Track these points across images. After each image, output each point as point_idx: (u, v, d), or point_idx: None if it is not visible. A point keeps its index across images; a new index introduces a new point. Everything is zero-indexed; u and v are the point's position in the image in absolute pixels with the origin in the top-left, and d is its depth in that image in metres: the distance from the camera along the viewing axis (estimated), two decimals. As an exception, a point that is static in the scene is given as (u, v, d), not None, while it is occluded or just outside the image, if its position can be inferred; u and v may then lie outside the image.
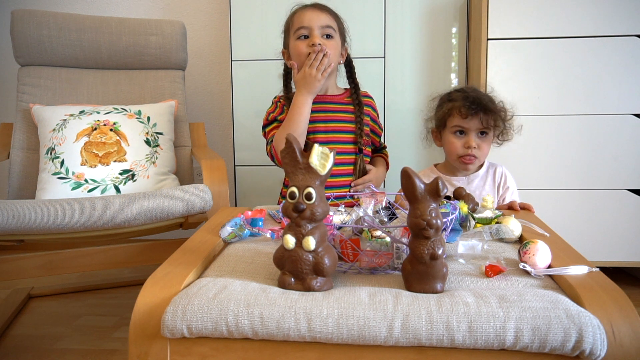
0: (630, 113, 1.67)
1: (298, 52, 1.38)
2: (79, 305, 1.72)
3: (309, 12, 1.39)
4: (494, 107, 1.28)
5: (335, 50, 1.40)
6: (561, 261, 0.82)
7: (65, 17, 1.80)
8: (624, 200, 1.70)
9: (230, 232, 0.99)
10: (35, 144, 1.69)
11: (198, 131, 1.92)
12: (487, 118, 1.27)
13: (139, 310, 0.72)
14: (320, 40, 1.35)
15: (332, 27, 1.40)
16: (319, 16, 1.38)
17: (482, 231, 0.94)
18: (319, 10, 1.40)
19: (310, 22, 1.37)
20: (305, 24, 1.37)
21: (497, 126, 1.28)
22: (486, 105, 1.26)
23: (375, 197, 0.98)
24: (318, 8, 1.41)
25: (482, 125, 1.27)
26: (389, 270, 0.83)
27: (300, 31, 1.38)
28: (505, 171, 1.38)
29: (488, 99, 1.29)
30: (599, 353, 0.63)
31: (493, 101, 1.29)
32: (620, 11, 1.63)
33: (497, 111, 1.27)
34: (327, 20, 1.39)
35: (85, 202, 1.27)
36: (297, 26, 1.38)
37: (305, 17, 1.38)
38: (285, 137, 0.74)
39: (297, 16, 1.40)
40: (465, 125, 1.29)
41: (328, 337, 0.67)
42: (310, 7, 1.42)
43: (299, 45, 1.37)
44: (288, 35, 1.44)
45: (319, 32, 1.37)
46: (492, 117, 1.27)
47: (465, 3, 1.88)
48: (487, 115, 1.27)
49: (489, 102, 1.27)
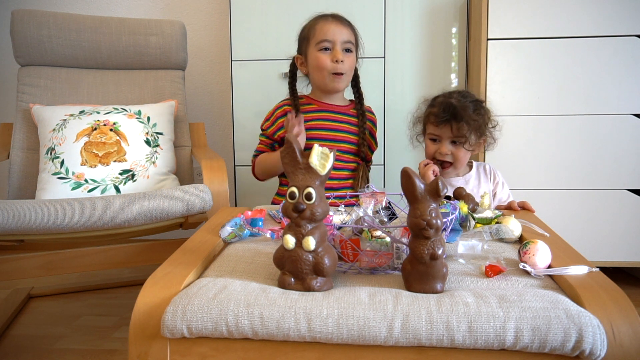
0: (630, 113, 1.67)
1: (320, 64, 1.43)
2: (79, 305, 1.72)
3: (333, 26, 1.42)
4: (468, 117, 1.26)
5: (351, 67, 1.48)
6: (561, 261, 0.82)
7: (65, 17, 1.80)
8: (624, 200, 1.70)
9: (230, 232, 0.99)
10: (35, 144, 1.69)
11: (198, 131, 1.92)
12: (459, 127, 1.26)
13: (139, 310, 0.72)
14: (341, 56, 1.41)
15: (352, 42, 1.45)
16: (342, 31, 1.43)
17: (482, 231, 0.94)
18: (342, 25, 1.44)
19: (335, 36, 1.42)
20: (329, 37, 1.41)
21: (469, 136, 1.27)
22: (459, 114, 1.25)
23: (375, 197, 0.98)
24: (341, 22, 1.45)
25: (453, 134, 1.28)
26: (389, 270, 0.83)
27: (323, 44, 1.42)
28: (493, 167, 1.40)
29: (464, 107, 1.26)
30: (599, 353, 0.63)
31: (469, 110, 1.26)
32: (620, 11, 1.63)
33: (469, 121, 1.26)
34: (348, 36, 1.44)
35: (85, 202, 1.27)
36: (321, 38, 1.42)
37: (329, 31, 1.42)
38: (286, 137, 0.75)
39: (321, 27, 1.43)
40: (437, 133, 1.30)
41: (328, 337, 0.67)
42: (333, 19, 1.44)
43: (321, 57, 1.42)
44: (307, 44, 1.46)
45: (341, 47, 1.42)
46: (465, 127, 1.26)
47: (465, 3, 1.88)
48: (458, 125, 1.26)
49: (463, 111, 1.25)
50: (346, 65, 1.43)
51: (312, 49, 1.44)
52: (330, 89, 1.48)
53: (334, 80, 1.45)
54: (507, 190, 1.39)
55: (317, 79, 1.48)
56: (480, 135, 1.30)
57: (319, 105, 1.52)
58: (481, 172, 1.40)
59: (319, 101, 1.53)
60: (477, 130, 1.28)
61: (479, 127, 1.28)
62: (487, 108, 1.34)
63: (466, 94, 1.32)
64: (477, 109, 1.29)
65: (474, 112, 1.27)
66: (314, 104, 1.53)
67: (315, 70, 1.45)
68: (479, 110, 1.29)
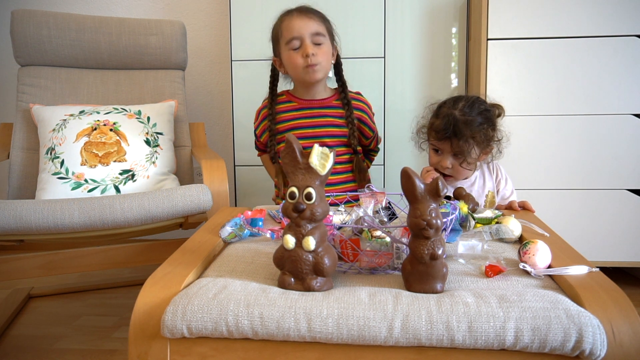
0: (630, 113, 1.67)
1: (294, 65, 1.39)
2: (79, 305, 1.72)
3: (298, 21, 1.38)
4: (470, 134, 1.20)
5: (326, 56, 1.41)
6: (561, 261, 0.82)
7: (65, 17, 1.80)
8: (624, 200, 1.70)
9: (230, 232, 0.99)
10: (35, 144, 1.69)
11: (198, 131, 1.92)
12: (460, 145, 1.21)
13: (139, 310, 0.72)
14: (312, 49, 1.36)
15: (321, 32, 1.40)
16: (307, 24, 1.38)
17: (482, 231, 0.94)
18: (306, 18, 1.39)
19: (301, 31, 1.37)
20: (295, 34, 1.37)
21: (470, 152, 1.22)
22: (460, 131, 1.20)
23: (375, 197, 0.98)
24: (306, 15, 1.40)
25: (453, 150, 1.24)
26: (389, 270, 0.83)
27: (292, 42, 1.38)
28: (496, 162, 1.37)
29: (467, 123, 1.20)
30: (599, 353, 0.63)
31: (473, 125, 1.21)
32: (620, 11, 1.63)
33: (471, 139, 1.21)
34: (316, 27, 1.39)
35: (85, 202, 1.27)
36: (288, 37, 1.38)
37: (295, 27, 1.37)
38: (286, 136, 0.75)
39: (287, 26, 1.39)
40: (439, 146, 1.27)
41: (328, 337, 0.67)
42: (297, 14, 1.40)
43: (293, 57, 1.38)
44: (278, 45, 1.44)
45: (310, 41, 1.37)
46: (466, 145, 1.21)
47: (465, 3, 1.88)
48: (459, 142, 1.21)
49: (465, 127, 1.20)
50: (319, 56, 1.38)
51: (283, 50, 1.41)
52: (308, 80, 1.43)
53: (309, 72, 1.40)
54: (511, 186, 1.36)
55: (294, 77, 1.46)
56: (484, 148, 1.25)
57: (298, 103, 1.50)
58: (485, 170, 1.37)
59: (299, 98, 1.50)
60: (479, 145, 1.23)
61: (482, 142, 1.23)
62: (494, 120, 1.27)
63: (474, 103, 1.25)
64: (483, 122, 1.23)
65: (478, 127, 1.21)
66: (294, 102, 1.50)
67: (291, 69, 1.42)
68: (484, 124, 1.23)
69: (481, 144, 1.23)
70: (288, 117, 1.49)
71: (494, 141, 1.26)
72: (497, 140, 1.27)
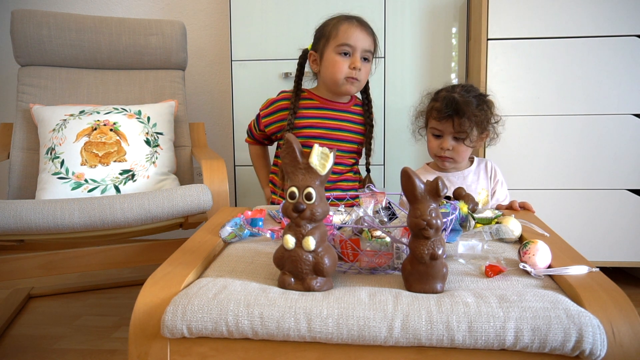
0: (630, 113, 1.67)
1: (336, 67, 1.40)
2: (79, 305, 1.72)
3: (358, 32, 1.39)
4: (471, 112, 1.24)
5: (367, 74, 1.46)
6: (561, 261, 0.82)
7: (65, 17, 1.80)
8: (624, 200, 1.70)
9: (230, 232, 0.99)
10: (35, 144, 1.69)
11: (198, 131, 1.92)
12: (461, 123, 1.25)
13: (139, 310, 0.72)
14: (359, 64, 1.39)
15: (372, 51, 1.44)
16: (365, 38, 1.40)
17: (482, 231, 0.94)
18: (365, 32, 1.41)
19: (357, 43, 1.38)
20: (351, 43, 1.38)
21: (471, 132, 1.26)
22: (461, 110, 1.24)
23: (375, 197, 0.98)
24: (365, 29, 1.42)
25: (454, 130, 1.27)
26: (389, 270, 0.83)
27: (343, 47, 1.39)
28: (494, 165, 1.39)
29: (467, 103, 1.25)
30: (599, 353, 0.63)
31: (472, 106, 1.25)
32: (620, 11, 1.63)
33: (472, 117, 1.24)
34: (369, 44, 1.42)
35: (85, 202, 1.27)
36: (342, 41, 1.38)
37: (353, 36, 1.38)
38: (285, 136, 0.75)
39: (345, 30, 1.39)
40: (440, 128, 1.29)
41: (328, 337, 0.67)
42: (358, 25, 1.41)
43: (339, 61, 1.39)
44: (326, 43, 1.42)
45: (360, 55, 1.40)
46: (467, 123, 1.25)
47: (465, 3, 1.88)
48: (460, 121, 1.24)
49: (466, 106, 1.24)
50: (362, 73, 1.42)
51: (330, 50, 1.40)
52: (342, 91, 1.45)
53: (348, 83, 1.42)
54: (505, 190, 1.39)
55: (328, 80, 1.44)
56: (483, 130, 1.29)
57: (321, 102, 1.50)
58: (482, 168, 1.39)
59: (322, 97, 1.50)
60: (479, 126, 1.27)
61: (481, 122, 1.27)
62: (490, 102, 1.32)
63: (469, 88, 1.31)
64: (480, 103, 1.28)
65: (476, 108, 1.26)
66: (315, 100, 1.50)
67: (330, 72, 1.42)
68: (482, 106, 1.28)
69: (480, 125, 1.27)
70: (308, 114, 1.48)
71: (490, 123, 1.30)
72: (493, 123, 1.31)
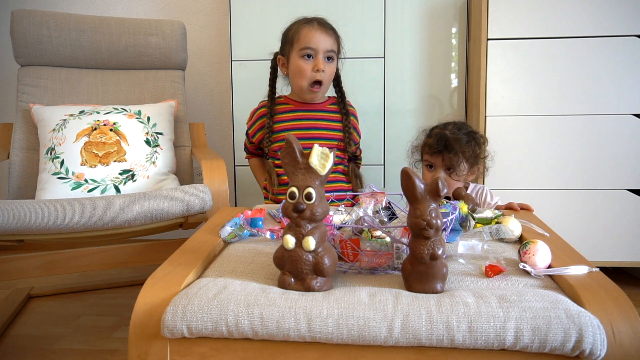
0: (630, 113, 1.67)
1: (301, 70, 1.45)
2: (79, 305, 1.72)
3: (317, 34, 1.43)
4: (460, 148, 1.33)
5: (331, 75, 1.49)
6: (561, 261, 0.82)
7: (65, 17, 1.80)
8: (624, 200, 1.70)
9: (230, 232, 0.99)
10: (35, 144, 1.69)
11: (198, 131, 1.92)
12: (450, 158, 1.33)
13: (139, 310, 0.72)
14: (322, 66, 1.43)
15: (335, 50, 1.47)
16: (326, 39, 1.44)
17: (482, 231, 0.94)
18: (326, 34, 1.44)
19: (318, 45, 1.43)
20: (312, 45, 1.42)
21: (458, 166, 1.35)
22: (451, 146, 1.33)
23: (375, 197, 0.98)
24: (325, 30, 1.45)
25: (444, 164, 1.36)
26: (389, 270, 0.83)
27: (306, 50, 1.43)
28: (487, 190, 1.43)
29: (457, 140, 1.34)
30: (599, 353, 0.63)
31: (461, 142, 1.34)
32: (620, 11, 1.63)
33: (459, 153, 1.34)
34: (331, 44, 1.45)
35: (85, 202, 1.27)
36: (304, 45, 1.43)
37: (314, 38, 1.42)
38: (285, 136, 0.75)
39: (305, 34, 1.43)
40: (432, 161, 1.39)
41: (328, 337, 0.67)
42: (319, 27, 1.45)
43: (303, 64, 1.44)
44: (290, 48, 1.47)
45: (323, 56, 1.44)
46: (455, 158, 1.34)
47: (465, 3, 1.88)
48: (449, 156, 1.33)
49: (455, 143, 1.33)
50: (327, 73, 1.46)
51: (294, 54, 1.46)
52: (307, 98, 1.53)
53: (311, 92, 1.49)
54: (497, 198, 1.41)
55: (295, 85, 1.50)
56: (473, 164, 1.38)
57: (295, 105, 1.55)
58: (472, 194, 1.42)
59: (296, 101, 1.56)
60: (468, 161, 1.36)
61: (470, 157, 1.36)
62: (481, 139, 1.40)
63: (461, 126, 1.39)
64: (470, 140, 1.36)
65: (466, 144, 1.35)
66: (290, 104, 1.56)
67: (296, 75, 1.47)
68: (471, 142, 1.36)
69: (469, 159, 1.36)
70: (285, 118, 1.54)
71: (480, 158, 1.39)
72: (482, 158, 1.40)
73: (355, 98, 1.91)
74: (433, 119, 1.86)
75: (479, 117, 1.73)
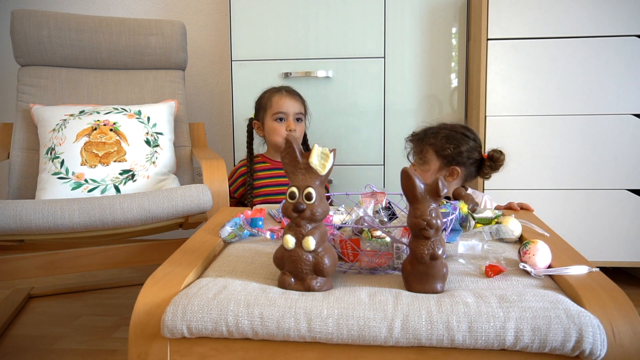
0: (630, 113, 1.67)
1: (275, 130, 1.67)
2: (79, 305, 1.72)
3: (288, 101, 1.67)
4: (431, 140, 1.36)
5: (302, 130, 1.73)
6: (561, 261, 0.82)
7: (65, 17, 1.80)
8: (624, 200, 1.70)
9: (230, 232, 0.99)
10: (35, 144, 1.69)
11: (198, 131, 1.92)
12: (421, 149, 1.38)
13: (139, 310, 0.72)
14: (294, 126, 1.66)
15: (302, 112, 1.71)
16: (294, 104, 1.68)
17: (482, 231, 0.94)
18: (294, 99, 1.69)
19: (288, 109, 1.67)
20: (283, 110, 1.66)
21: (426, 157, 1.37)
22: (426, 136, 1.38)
23: (375, 197, 0.98)
24: (293, 97, 1.69)
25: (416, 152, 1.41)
26: (389, 270, 0.83)
27: (279, 114, 1.66)
28: (486, 197, 1.43)
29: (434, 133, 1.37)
30: (599, 353, 0.63)
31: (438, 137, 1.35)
32: (620, 11, 1.63)
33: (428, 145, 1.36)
34: (299, 108, 1.69)
35: (85, 202, 1.27)
36: (276, 110, 1.66)
37: (284, 105, 1.66)
38: (286, 137, 0.75)
39: (277, 101, 1.67)
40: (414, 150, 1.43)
41: (328, 337, 0.67)
42: (287, 94, 1.68)
43: (277, 127, 1.67)
44: (264, 113, 1.69)
45: (293, 118, 1.67)
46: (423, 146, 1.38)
47: (465, 3, 1.88)
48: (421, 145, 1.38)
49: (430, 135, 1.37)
50: (297, 132, 1.69)
51: (268, 119, 1.68)
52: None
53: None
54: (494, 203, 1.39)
55: (271, 142, 1.71)
56: (448, 163, 1.35)
57: (272, 164, 1.73)
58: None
59: (273, 160, 1.74)
60: (438, 154, 1.35)
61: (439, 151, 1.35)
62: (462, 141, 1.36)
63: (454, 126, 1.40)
64: (450, 137, 1.35)
65: (440, 139, 1.35)
66: (268, 162, 1.74)
67: (271, 134, 1.68)
68: (448, 140, 1.35)
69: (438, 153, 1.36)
70: (264, 175, 1.72)
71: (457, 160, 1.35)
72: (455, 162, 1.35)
73: (355, 98, 1.91)
74: (433, 119, 1.86)
75: (479, 117, 1.73)
